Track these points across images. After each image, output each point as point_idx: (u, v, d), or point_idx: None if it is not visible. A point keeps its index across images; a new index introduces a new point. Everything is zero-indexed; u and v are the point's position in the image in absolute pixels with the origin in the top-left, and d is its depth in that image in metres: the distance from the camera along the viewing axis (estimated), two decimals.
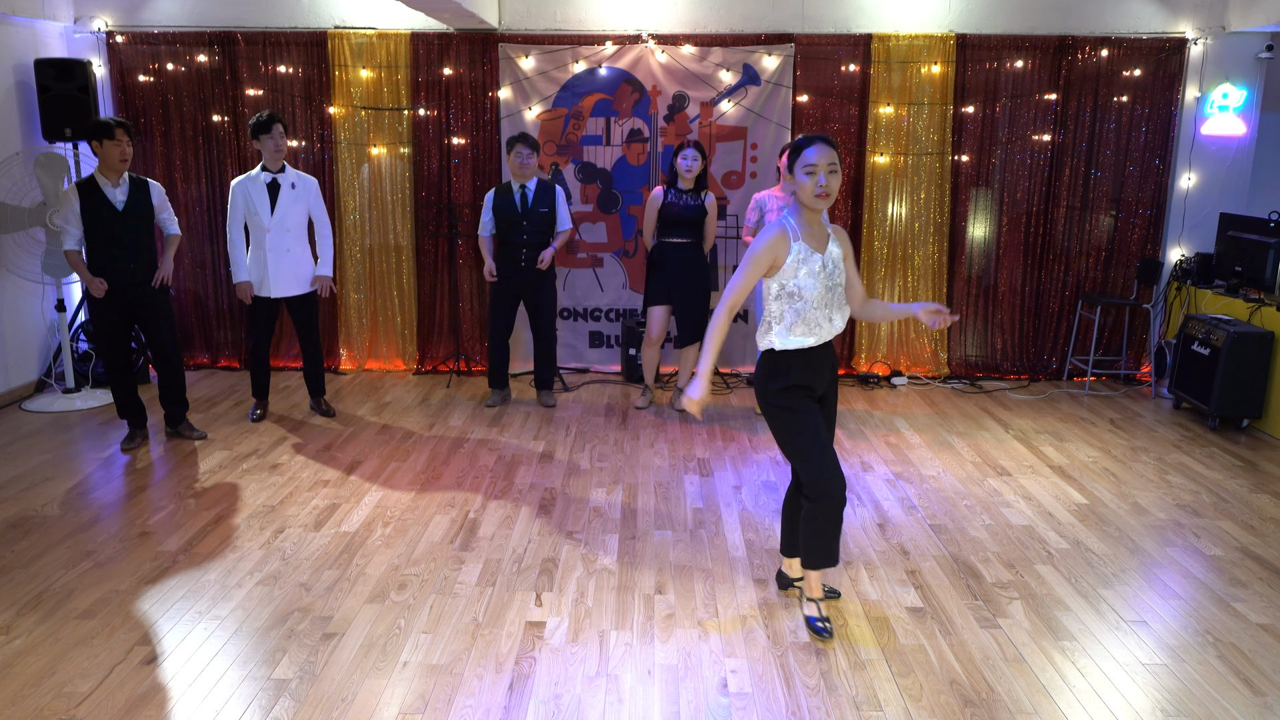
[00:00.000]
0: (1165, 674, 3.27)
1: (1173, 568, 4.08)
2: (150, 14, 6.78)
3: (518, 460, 5.28)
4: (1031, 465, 5.32)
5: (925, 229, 6.93)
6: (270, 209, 5.59)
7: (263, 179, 5.59)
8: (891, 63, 6.68)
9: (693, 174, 5.81)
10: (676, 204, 5.87)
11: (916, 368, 7.14)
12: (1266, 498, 4.89)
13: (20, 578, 3.86)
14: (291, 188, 5.64)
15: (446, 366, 7.13)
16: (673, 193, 5.89)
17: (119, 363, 5.30)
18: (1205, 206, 6.87)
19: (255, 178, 5.60)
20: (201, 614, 3.58)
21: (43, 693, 3.09)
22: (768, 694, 3.12)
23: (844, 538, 4.32)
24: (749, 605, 3.69)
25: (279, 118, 5.54)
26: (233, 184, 5.61)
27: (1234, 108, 6.66)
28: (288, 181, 5.64)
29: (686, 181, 5.85)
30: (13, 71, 6.35)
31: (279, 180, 5.61)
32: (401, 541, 4.22)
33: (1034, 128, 6.79)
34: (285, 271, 5.67)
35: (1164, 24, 6.69)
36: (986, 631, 3.52)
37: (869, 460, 5.36)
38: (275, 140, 5.51)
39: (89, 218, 5.07)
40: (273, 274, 5.64)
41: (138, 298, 5.23)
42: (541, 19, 6.74)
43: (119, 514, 4.50)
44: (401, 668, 3.24)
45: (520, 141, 5.89)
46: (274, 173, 5.60)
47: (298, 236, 5.70)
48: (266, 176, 5.60)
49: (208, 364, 7.20)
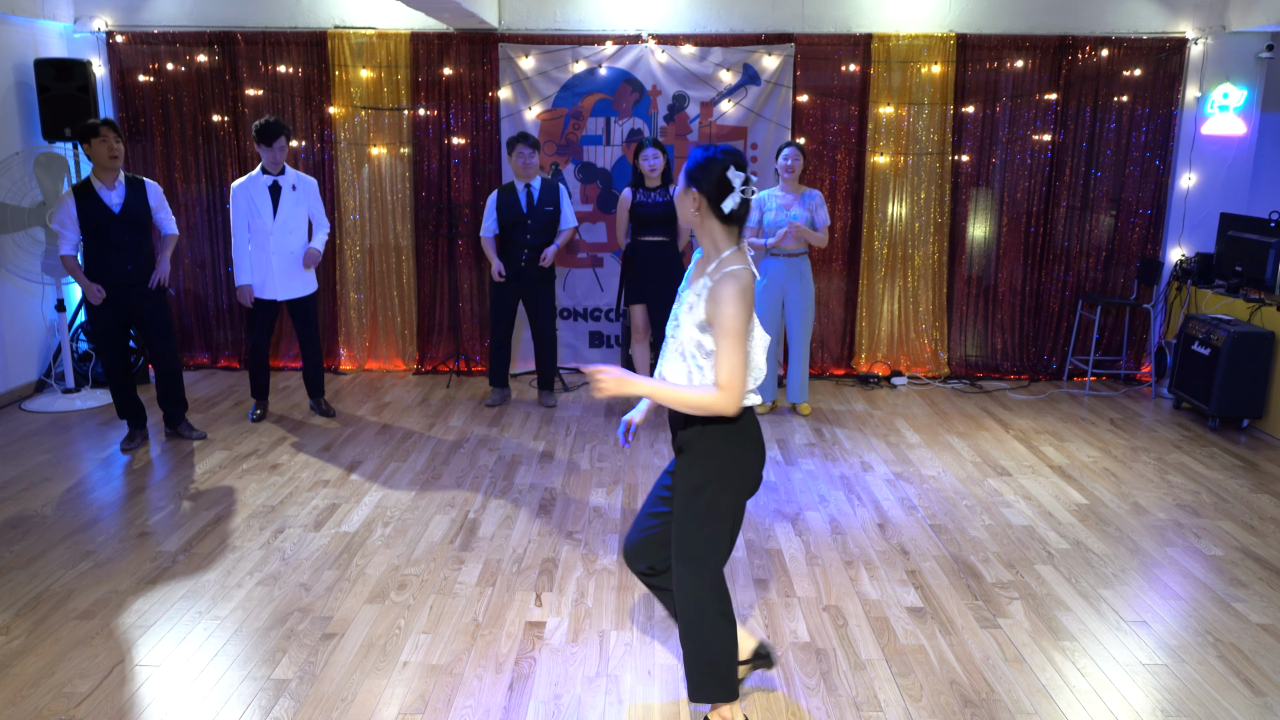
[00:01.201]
0: (1165, 674, 3.27)
1: (1173, 568, 4.08)
2: (150, 14, 6.77)
3: (518, 460, 5.28)
4: (1031, 465, 5.32)
5: (925, 229, 6.93)
6: (273, 211, 5.59)
7: (264, 181, 5.59)
8: (891, 63, 6.68)
9: (657, 172, 5.83)
10: (646, 202, 5.88)
11: (916, 368, 7.14)
12: (1266, 498, 4.89)
13: (20, 578, 3.86)
14: (293, 189, 5.65)
15: (446, 366, 7.13)
16: (640, 192, 5.90)
17: (117, 363, 5.29)
18: (1205, 206, 6.87)
19: (256, 180, 5.60)
20: (201, 614, 3.58)
21: (42, 693, 3.08)
22: (768, 694, 3.11)
23: (844, 537, 4.32)
24: (749, 605, 3.69)
25: (286, 130, 5.55)
26: (233, 187, 5.60)
27: (1234, 108, 6.66)
28: (288, 183, 5.64)
29: (652, 180, 5.86)
30: (13, 71, 6.35)
31: (280, 182, 5.61)
32: (401, 541, 4.22)
33: (1034, 128, 6.79)
34: (287, 273, 5.67)
35: (1164, 24, 6.69)
36: (986, 631, 3.52)
37: (869, 460, 5.35)
38: (275, 153, 5.53)
39: (85, 221, 5.06)
40: (275, 276, 5.64)
41: (134, 300, 5.22)
42: (541, 19, 6.74)
43: (119, 514, 4.50)
44: (401, 668, 3.24)
45: (521, 141, 5.90)
46: (274, 175, 5.61)
47: (299, 238, 5.71)
48: (267, 179, 5.60)
49: (207, 364, 7.20)
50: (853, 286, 7.02)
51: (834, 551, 4.17)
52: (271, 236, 5.61)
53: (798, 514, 4.57)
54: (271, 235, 5.60)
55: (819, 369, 7.15)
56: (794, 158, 5.77)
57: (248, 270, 5.64)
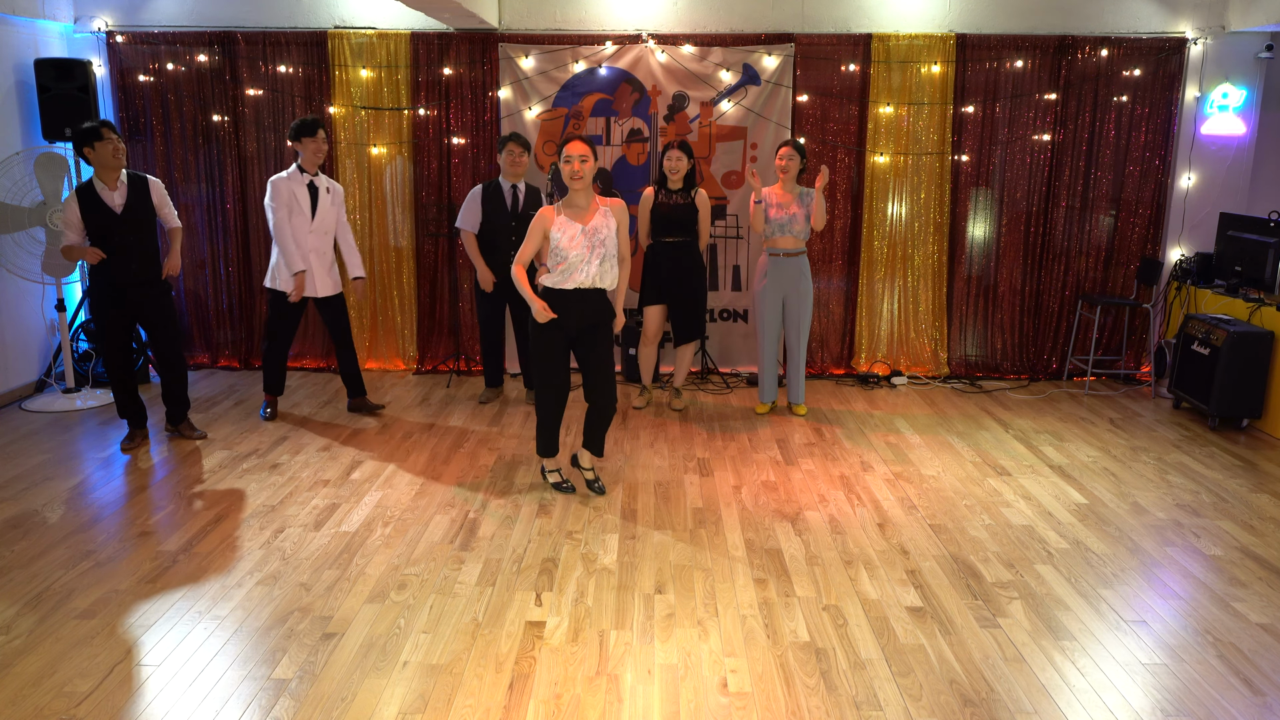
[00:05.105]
0: (1165, 674, 3.27)
1: (1172, 567, 4.08)
2: (150, 14, 6.78)
3: (518, 460, 5.28)
4: (1031, 465, 5.32)
5: (925, 229, 6.93)
6: (312, 211, 5.62)
7: (303, 179, 5.62)
8: (891, 62, 6.68)
9: (679, 174, 5.83)
10: (667, 204, 5.90)
11: (916, 368, 7.14)
12: (1266, 497, 4.89)
13: (20, 578, 3.86)
14: (327, 192, 5.71)
15: (446, 366, 7.13)
16: (663, 193, 5.91)
17: (119, 362, 5.30)
18: (1205, 206, 6.87)
19: (296, 178, 5.62)
20: (201, 614, 3.58)
21: (43, 693, 3.09)
22: (768, 694, 3.12)
23: (844, 537, 4.33)
24: (749, 605, 3.69)
25: (323, 123, 5.60)
26: (275, 180, 5.58)
27: (1234, 107, 6.66)
28: (323, 186, 5.69)
29: (675, 182, 5.87)
30: (13, 71, 6.35)
31: (315, 183, 5.65)
32: (401, 541, 4.22)
33: (1034, 128, 6.79)
34: (322, 272, 5.74)
35: (1164, 24, 6.69)
36: (986, 631, 3.52)
37: (869, 460, 5.36)
38: (318, 144, 5.58)
39: (89, 224, 5.07)
40: (311, 274, 5.69)
41: (140, 299, 5.23)
42: (541, 19, 6.74)
43: (119, 514, 4.50)
44: (401, 667, 3.24)
45: (513, 140, 5.93)
46: (311, 175, 5.63)
47: (329, 240, 5.79)
48: (305, 178, 5.62)
49: (208, 364, 7.20)
50: (852, 286, 7.03)
51: (834, 551, 4.17)
52: (310, 235, 5.64)
53: (798, 514, 4.58)
54: (310, 234, 5.64)
55: (819, 369, 7.15)
56: (789, 156, 5.77)
57: (299, 257, 5.62)
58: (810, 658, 3.33)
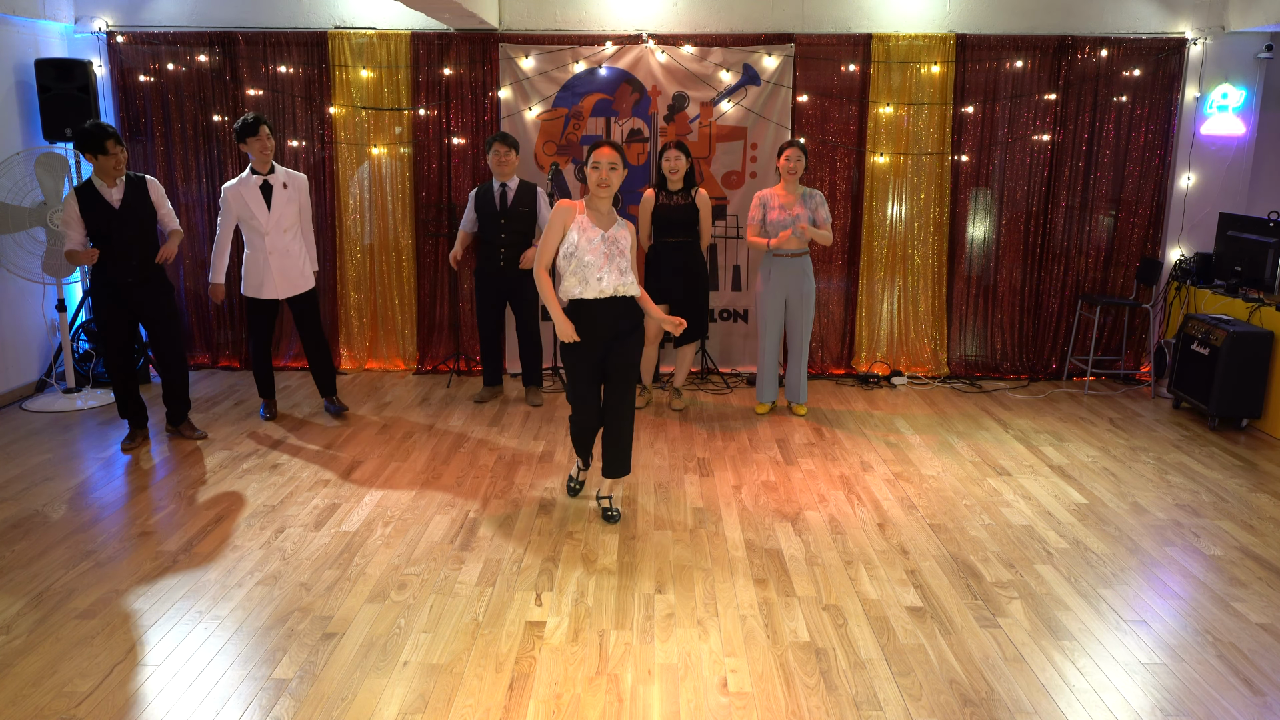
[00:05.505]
0: (1165, 674, 3.27)
1: (1172, 567, 4.08)
2: (150, 14, 6.78)
3: (518, 460, 5.28)
4: (1031, 465, 5.32)
5: (925, 229, 6.94)
6: (266, 211, 5.59)
7: (254, 181, 5.58)
8: (891, 63, 6.68)
9: (678, 174, 5.83)
10: (668, 204, 5.90)
11: (916, 368, 7.14)
12: (1266, 497, 4.89)
13: (20, 578, 3.86)
14: (284, 187, 5.64)
15: (447, 366, 7.13)
16: (663, 194, 5.91)
17: (120, 362, 5.30)
18: (1205, 206, 6.87)
19: (247, 181, 5.58)
20: (201, 614, 3.58)
21: (43, 693, 3.09)
22: (768, 694, 3.12)
23: (844, 537, 4.33)
24: (749, 605, 3.70)
25: (264, 119, 5.52)
26: (224, 188, 5.58)
27: (1233, 108, 6.66)
28: (279, 181, 5.63)
29: (674, 182, 5.87)
30: (13, 71, 6.35)
31: (270, 181, 5.60)
32: (401, 541, 4.22)
33: (1034, 128, 6.79)
34: (285, 272, 5.68)
35: (1164, 24, 6.69)
36: (986, 631, 3.53)
37: (869, 460, 5.36)
38: (262, 142, 5.51)
39: (89, 221, 5.08)
40: (274, 276, 5.64)
41: (141, 299, 5.23)
42: (541, 19, 6.74)
43: (119, 514, 4.50)
44: (401, 667, 3.25)
45: (498, 141, 5.95)
46: (264, 174, 5.60)
47: (294, 235, 5.71)
48: (257, 179, 5.58)
49: (208, 364, 7.20)
50: (852, 286, 7.03)
51: (834, 551, 4.18)
52: (268, 236, 5.60)
53: (798, 514, 4.58)
54: (267, 235, 5.60)
55: (819, 369, 7.15)
56: (795, 158, 5.76)
57: (223, 270, 5.66)
58: (810, 658, 3.33)
